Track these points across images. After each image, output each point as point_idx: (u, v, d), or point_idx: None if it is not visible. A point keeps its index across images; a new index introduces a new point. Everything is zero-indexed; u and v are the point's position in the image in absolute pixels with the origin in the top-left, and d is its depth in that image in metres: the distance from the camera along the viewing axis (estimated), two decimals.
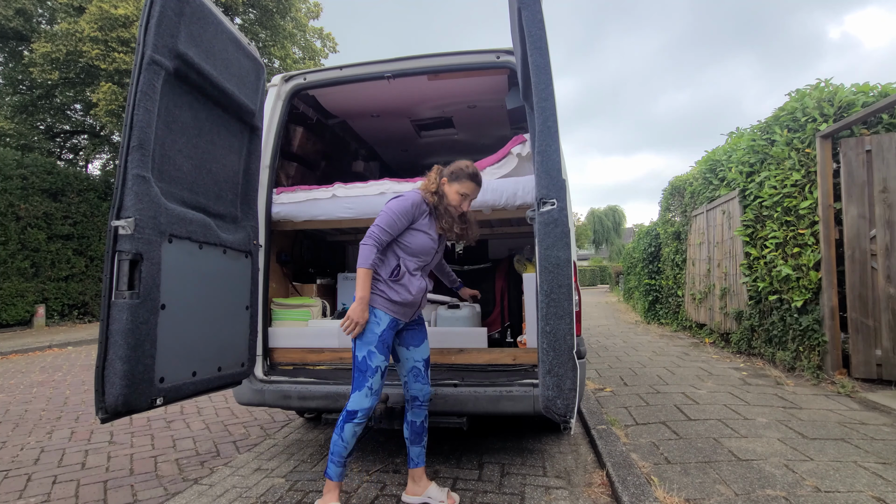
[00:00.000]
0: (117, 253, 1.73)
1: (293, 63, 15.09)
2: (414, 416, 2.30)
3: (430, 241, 2.22)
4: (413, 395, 2.29)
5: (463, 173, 2.20)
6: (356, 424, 2.06)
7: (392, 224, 2.13)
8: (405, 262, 2.18)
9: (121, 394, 1.68)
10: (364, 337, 2.09)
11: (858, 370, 3.93)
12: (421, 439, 2.32)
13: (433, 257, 2.29)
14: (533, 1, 1.80)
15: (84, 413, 4.14)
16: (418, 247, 2.19)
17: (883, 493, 2.12)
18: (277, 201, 3.04)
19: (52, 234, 10.50)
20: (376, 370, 2.08)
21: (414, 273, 2.19)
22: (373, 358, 2.07)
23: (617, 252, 40.75)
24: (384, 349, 2.10)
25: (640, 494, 2.16)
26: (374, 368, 2.07)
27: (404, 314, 2.20)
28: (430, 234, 2.22)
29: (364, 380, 2.07)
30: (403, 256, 2.19)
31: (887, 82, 4.18)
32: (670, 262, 8.73)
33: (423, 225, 2.20)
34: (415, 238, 2.19)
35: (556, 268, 1.71)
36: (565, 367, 1.69)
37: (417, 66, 2.96)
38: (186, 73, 2.01)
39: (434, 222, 2.25)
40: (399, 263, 2.17)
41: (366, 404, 2.07)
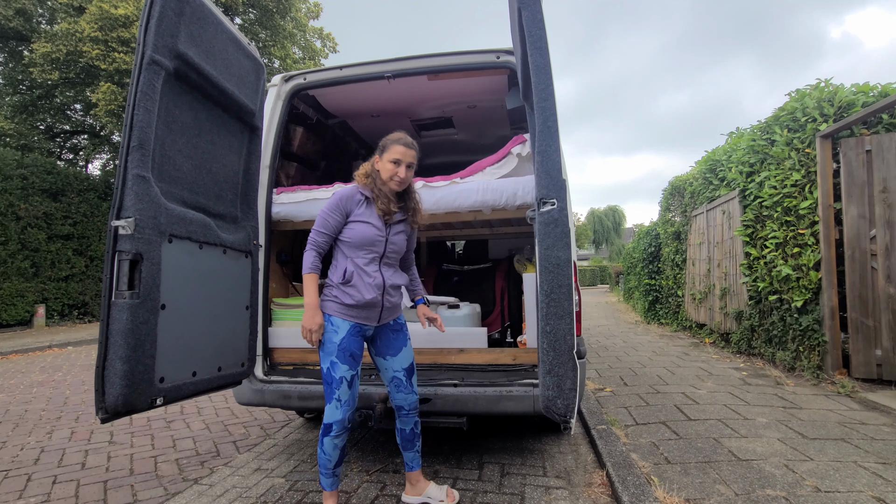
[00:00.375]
0: (117, 253, 1.73)
1: (293, 63, 15.09)
2: (403, 425, 2.21)
3: (372, 229, 2.07)
4: (398, 404, 2.19)
5: (389, 140, 2.10)
6: (334, 437, 2.01)
7: (324, 223, 2.06)
8: (353, 261, 2.07)
9: (121, 394, 1.68)
10: (324, 347, 2.02)
11: (858, 370, 3.93)
12: (413, 445, 2.24)
13: (384, 246, 2.11)
14: (533, 1, 1.80)
15: (84, 413, 4.14)
16: (358, 238, 2.06)
17: (883, 493, 2.12)
18: (277, 201, 3.04)
19: (52, 234, 10.50)
20: (341, 381, 1.99)
21: (366, 269, 2.06)
22: (336, 369, 1.99)
23: (617, 252, 40.76)
24: (347, 358, 2.00)
25: (640, 494, 2.16)
26: (339, 380, 1.99)
27: (367, 318, 2.08)
28: (369, 222, 2.08)
29: (331, 392, 2.00)
30: (350, 254, 2.08)
31: (887, 82, 4.18)
32: (670, 262, 8.73)
33: (360, 215, 2.08)
34: (353, 230, 2.07)
35: (556, 268, 1.71)
36: (565, 367, 1.69)
37: (417, 66, 2.96)
38: (186, 73, 2.01)
39: (373, 210, 2.11)
40: (347, 264, 2.07)
41: (338, 416, 1.99)
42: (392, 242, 2.14)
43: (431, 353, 2.84)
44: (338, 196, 2.09)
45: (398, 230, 2.18)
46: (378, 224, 2.09)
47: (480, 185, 2.81)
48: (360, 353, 2.07)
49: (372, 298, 2.04)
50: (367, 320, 2.09)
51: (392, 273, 2.17)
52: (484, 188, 2.79)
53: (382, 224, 2.11)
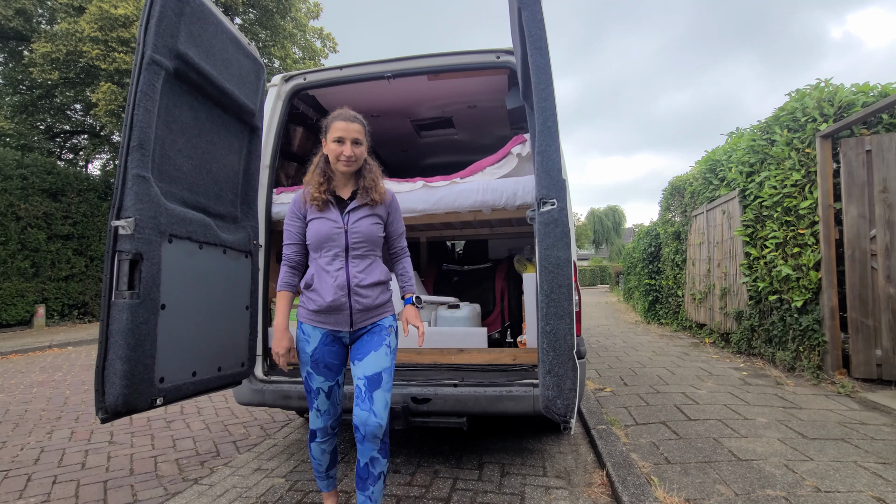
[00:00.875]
0: (117, 253, 1.73)
1: (293, 63, 15.09)
2: (358, 453, 1.83)
3: (326, 223, 1.88)
4: (354, 423, 1.81)
5: (329, 119, 1.92)
6: (320, 443, 1.96)
7: (287, 234, 1.96)
8: (317, 262, 1.91)
9: (121, 394, 1.68)
10: (300, 357, 1.93)
11: (858, 370, 3.93)
12: (364, 485, 1.83)
13: (345, 237, 1.88)
14: (533, 1, 1.80)
15: (84, 413, 4.14)
16: (314, 237, 1.88)
17: (883, 493, 2.12)
18: (277, 201, 3.04)
19: (52, 234, 10.50)
20: (318, 392, 1.89)
21: (328, 268, 1.86)
22: (311, 380, 1.89)
23: (617, 252, 40.76)
24: (322, 370, 1.87)
25: (640, 494, 2.16)
26: (316, 391, 1.89)
27: (336, 322, 1.88)
28: (322, 216, 1.90)
29: (311, 401, 1.93)
30: (313, 257, 1.93)
31: (887, 82, 4.18)
32: (670, 262, 8.73)
33: (314, 212, 1.92)
34: (309, 231, 1.92)
35: (556, 268, 1.71)
36: (565, 367, 1.68)
37: (417, 66, 2.96)
38: (186, 73, 2.01)
39: (328, 203, 1.93)
40: (312, 267, 1.93)
41: (319, 424, 1.93)
42: (355, 231, 1.89)
43: (431, 354, 2.84)
44: (292, 201, 1.98)
45: (361, 215, 1.92)
46: (333, 216, 1.89)
47: (480, 185, 2.81)
48: (340, 361, 1.93)
49: (333, 301, 1.84)
50: (338, 325, 1.89)
51: (364, 268, 1.90)
52: (484, 188, 2.79)
53: (339, 215, 1.90)
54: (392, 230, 2.04)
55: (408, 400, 2.45)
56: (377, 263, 1.96)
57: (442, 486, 2.47)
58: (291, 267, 1.96)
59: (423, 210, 2.90)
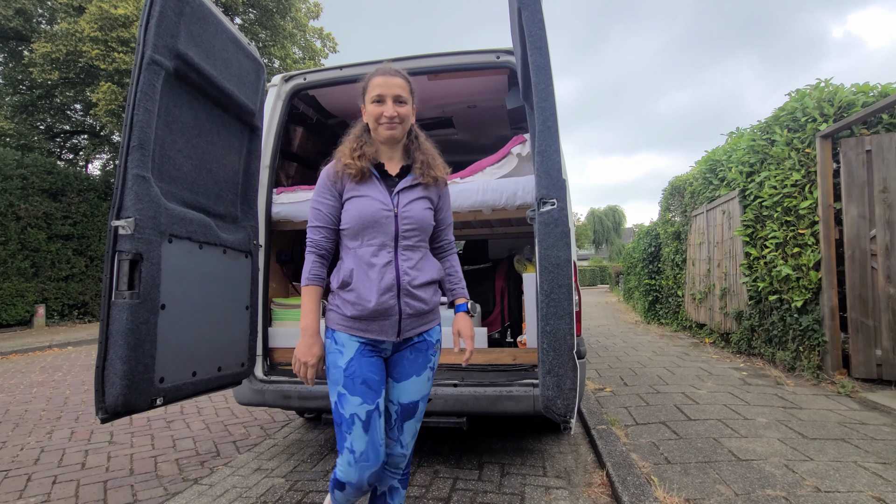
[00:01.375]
0: (117, 253, 1.73)
1: (293, 63, 15.10)
2: (380, 483, 1.59)
3: (372, 203, 1.49)
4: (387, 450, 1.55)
5: (366, 79, 1.56)
6: (347, 496, 1.46)
7: (316, 214, 1.54)
8: (356, 253, 1.50)
9: (121, 394, 1.68)
10: (329, 374, 1.48)
11: (858, 370, 3.93)
12: None
13: (395, 223, 1.50)
14: (533, 1, 1.80)
15: (84, 413, 4.14)
16: (356, 219, 1.49)
17: (883, 493, 2.12)
18: (277, 201, 3.04)
19: (52, 234, 10.50)
20: (352, 421, 1.40)
21: (373, 262, 1.47)
22: (344, 403, 1.41)
23: (617, 252, 40.76)
24: (358, 386, 1.43)
25: (640, 494, 2.16)
26: (350, 419, 1.40)
27: (380, 330, 1.49)
28: (367, 195, 1.51)
29: (341, 437, 1.42)
30: (352, 246, 1.52)
31: (887, 82, 4.18)
32: (670, 262, 8.73)
33: (354, 189, 1.52)
34: (348, 212, 1.51)
35: (556, 268, 1.71)
36: (565, 367, 1.68)
37: (417, 66, 2.96)
38: (186, 73, 2.01)
39: (371, 177, 1.55)
40: (347, 261, 1.51)
41: (352, 476, 1.40)
42: (407, 217, 1.51)
43: None
44: (322, 174, 1.57)
45: (413, 196, 1.55)
46: (379, 195, 1.51)
47: (480, 185, 2.81)
48: (380, 377, 1.50)
49: (380, 304, 1.45)
50: (381, 334, 1.49)
51: (416, 263, 1.52)
52: (484, 188, 2.79)
53: (386, 194, 1.53)
54: (441, 218, 1.68)
55: None
56: (429, 258, 1.59)
57: (442, 486, 2.47)
58: (320, 256, 1.54)
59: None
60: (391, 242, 1.50)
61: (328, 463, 2.85)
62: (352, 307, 1.47)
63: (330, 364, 1.49)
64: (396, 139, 1.56)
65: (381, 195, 1.52)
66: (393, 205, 1.52)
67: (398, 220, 1.51)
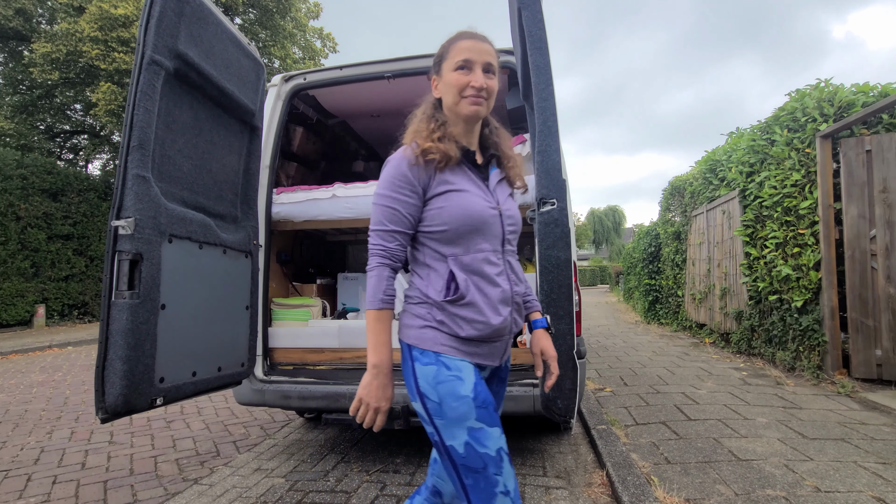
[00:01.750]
0: (117, 253, 1.73)
1: (293, 63, 15.10)
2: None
3: (474, 199, 1.20)
4: (437, 486, 1.32)
5: (446, 43, 1.26)
6: None
7: (390, 214, 1.17)
8: (458, 263, 1.18)
9: (121, 394, 1.68)
10: (447, 411, 1.10)
11: (858, 370, 3.93)
12: None
13: (500, 224, 1.23)
14: (533, 1, 1.80)
15: (84, 413, 4.14)
16: (459, 219, 1.17)
17: (883, 493, 2.12)
18: (277, 201, 3.04)
19: (52, 234, 10.50)
20: (500, 457, 1.09)
21: (485, 274, 1.19)
22: (485, 439, 1.08)
23: (617, 252, 40.77)
24: (494, 415, 1.13)
25: (640, 494, 2.16)
26: (497, 456, 1.08)
27: (489, 354, 1.22)
28: (465, 189, 1.20)
29: (489, 484, 1.07)
30: (446, 253, 1.19)
31: (887, 82, 4.18)
32: (670, 262, 8.73)
33: (445, 182, 1.19)
34: (444, 210, 1.17)
35: (556, 268, 1.71)
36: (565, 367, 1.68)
37: (417, 66, 2.96)
38: (186, 73, 2.01)
39: (464, 169, 1.24)
40: (452, 268, 1.18)
41: None
42: (509, 216, 1.27)
43: None
44: (394, 164, 1.19)
45: (507, 192, 1.33)
46: (479, 189, 1.23)
47: None
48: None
49: (501, 323, 1.19)
50: (489, 358, 1.23)
51: (518, 272, 1.30)
52: None
53: (484, 187, 1.25)
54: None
55: (408, 400, 2.45)
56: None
57: None
58: (394, 270, 1.19)
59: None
60: (500, 247, 1.23)
61: (328, 463, 2.85)
62: (469, 326, 1.16)
63: (447, 396, 1.11)
64: (480, 117, 1.25)
65: (481, 189, 1.22)
66: (495, 201, 1.24)
67: (503, 220, 1.23)
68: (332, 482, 2.57)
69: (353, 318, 3.29)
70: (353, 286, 3.73)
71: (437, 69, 1.29)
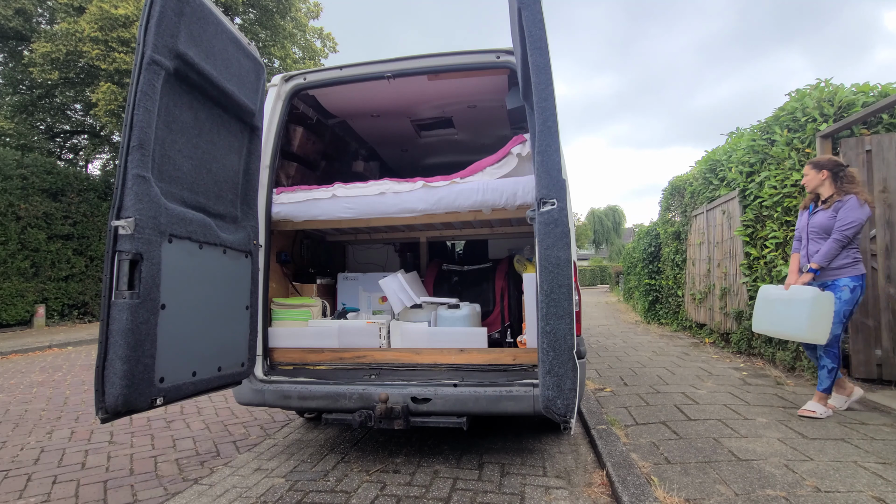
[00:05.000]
0: (117, 253, 1.73)
1: (293, 63, 15.10)
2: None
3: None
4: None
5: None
6: None
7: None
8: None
9: (121, 394, 1.68)
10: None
11: (858, 370, 3.93)
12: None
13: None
14: (533, 1, 1.81)
15: (84, 413, 4.14)
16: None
17: (883, 493, 2.12)
18: (277, 201, 3.04)
19: (52, 234, 10.50)
20: None
21: None
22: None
23: (617, 252, 40.78)
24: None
25: (640, 494, 2.16)
26: None
27: None
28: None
29: None
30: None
31: (887, 82, 4.18)
32: (670, 262, 8.73)
33: None
34: None
35: (556, 268, 1.71)
36: (565, 367, 1.69)
37: (417, 66, 2.96)
38: (186, 73, 2.01)
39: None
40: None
41: None
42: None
43: (431, 354, 2.84)
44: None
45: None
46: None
47: (480, 185, 2.81)
48: None
49: None
50: None
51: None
52: (484, 188, 2.79)
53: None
54: None
55: (408, 400, 2.46)
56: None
57: (442, 486, 2.47)
58: None
59: (423, 210, 2.90)
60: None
61: (328, 463, 2.85)
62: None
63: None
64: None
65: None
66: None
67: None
68: (332, 482, 2.57)
69: (353, 318, 3.29)
70: (353, 286, 3.73)
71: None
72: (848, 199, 3.07)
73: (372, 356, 2.90)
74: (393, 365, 2.83)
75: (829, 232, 3.12)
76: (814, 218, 3.24)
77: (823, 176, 3.20)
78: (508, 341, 3.53)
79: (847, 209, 3.04)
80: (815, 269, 3.12)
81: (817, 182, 3.23)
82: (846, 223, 3.02)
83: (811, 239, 3.24)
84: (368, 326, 3.01)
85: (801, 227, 3.36)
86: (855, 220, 3.01)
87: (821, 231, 3.17)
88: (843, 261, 3.10)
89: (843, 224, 3.03)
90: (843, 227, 3.03)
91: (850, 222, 3.01)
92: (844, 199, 3.09)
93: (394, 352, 2.91)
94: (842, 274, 3.11)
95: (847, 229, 3.01)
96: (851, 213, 3.02)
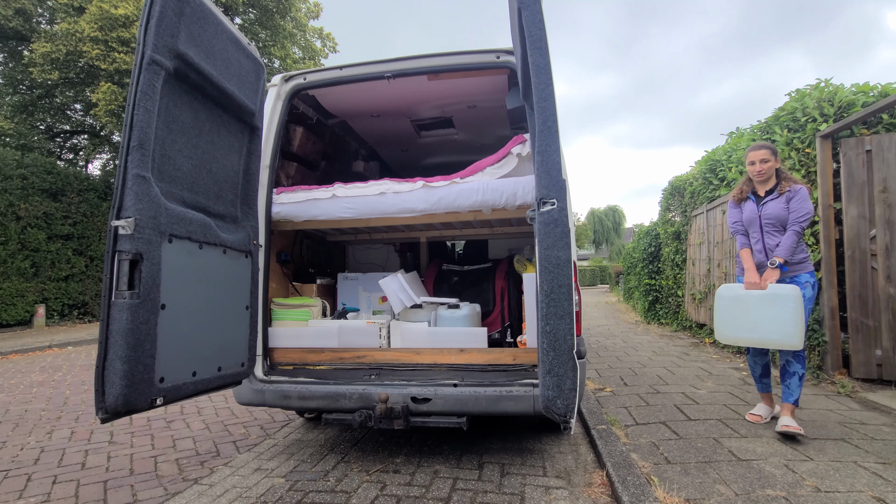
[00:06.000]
0: (117, 253, 1.73)
1: (293, 63, 15.10)
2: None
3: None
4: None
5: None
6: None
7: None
8: None
9: (121, 394, 1.68)
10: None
11: (858, 370, 3.93)
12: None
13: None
14: (533, 1, 1.81)
15: (84, 413, 4.14)
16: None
17: (883, 493, 2.12)
18: (277, 201, 3.04)
19: (52, 234, 10.50)
20: None
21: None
22: None
23: (617, 252, 40.78)
24: None
25: (640, 494, 2.16)
26: None
27: None
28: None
29: None
30: None
31: (887, 82, 4.18)
32: (670, 262, 8.73)
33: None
34: None
35: (556, 268, 1.71)
36: (565, 367, 1.69)
37: (417, 66, 2.96)
38: (186, 73, 2.01)
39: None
40: None
41: None
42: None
43: (431, 354, 2.84)
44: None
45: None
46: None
47: (480, 185, 2.81)
48: None
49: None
50: None
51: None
52: (484, 188, 2.79)
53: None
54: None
55: (408, 400, 2.46)
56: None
57: (442, 486, 2.47)
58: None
59: (423, 210, 2.90)
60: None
61: (328, 463, 2.85)
62: None
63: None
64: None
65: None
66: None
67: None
68: (332, 482, 2.57)
69: (353, 318, 3.29)
70: (353, 286, 3.73)
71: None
72: (798, 189, 2.91)
73: (372, 356, 2.90)
74: (393, 365, 2.83)
75: (784, 224, 2.92)
76: (766, 209, 2.99)
77: (778, 163, 3.04)
78: (508, 341, 3.53)
79: (799, 200, 2.87)
80: (782, 265, 2.88)
81: (773, 169, 3.03)
82: (802, 214, 2.85)
83: (766, 231, 2.99)
84: (368, 326, 3.01)
85: (749, 219, 3.07)
86: (809, 211, 2.85)
87: (776, 223, 2.94)
88: (801, 255, 2.95)
89: (800, 216, 2.85)
90: (799, 218, 2.85)
91: (806, 213, 2.85)
92: (795, 189, 2.92)
93: (394, 352, 2.91)
94: (802, 269, 2.94)
95: (804, 220, 2.85)
96: (805, 203, 2.86)
